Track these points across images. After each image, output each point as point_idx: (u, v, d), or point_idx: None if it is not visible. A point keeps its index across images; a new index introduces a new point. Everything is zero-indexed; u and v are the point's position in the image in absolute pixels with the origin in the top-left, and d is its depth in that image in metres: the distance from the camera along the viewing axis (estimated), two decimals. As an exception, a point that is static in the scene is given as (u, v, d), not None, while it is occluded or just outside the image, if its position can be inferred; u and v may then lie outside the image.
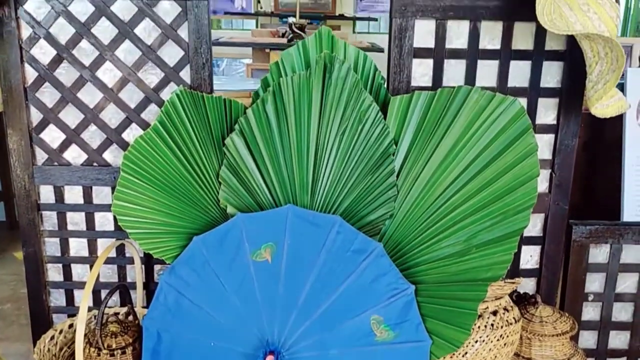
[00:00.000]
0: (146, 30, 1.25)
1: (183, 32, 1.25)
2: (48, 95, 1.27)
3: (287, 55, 1.27)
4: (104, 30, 1.24)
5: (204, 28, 1.25)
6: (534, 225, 1.34)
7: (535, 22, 1.18)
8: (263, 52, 4.02)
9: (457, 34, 1.25)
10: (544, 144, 1.30)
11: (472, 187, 1.10)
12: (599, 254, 1.39)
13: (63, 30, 1.24)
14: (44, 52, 1.25)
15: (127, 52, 1.26)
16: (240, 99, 1.28)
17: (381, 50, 3.93)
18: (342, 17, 6.41)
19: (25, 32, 1.24)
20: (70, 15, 1.23)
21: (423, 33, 1.24)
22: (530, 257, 1.37)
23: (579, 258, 1.38)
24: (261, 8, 6.50)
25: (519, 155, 1.07)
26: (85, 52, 1.25)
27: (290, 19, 4.63)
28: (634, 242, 1.37)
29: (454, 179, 1.12)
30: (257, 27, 6.72)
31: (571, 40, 1.23)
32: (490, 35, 1.25)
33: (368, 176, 1.16)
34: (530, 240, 1.35)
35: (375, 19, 6.69)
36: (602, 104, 1.17)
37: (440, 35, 1.24)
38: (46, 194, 1.32)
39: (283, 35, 4.46)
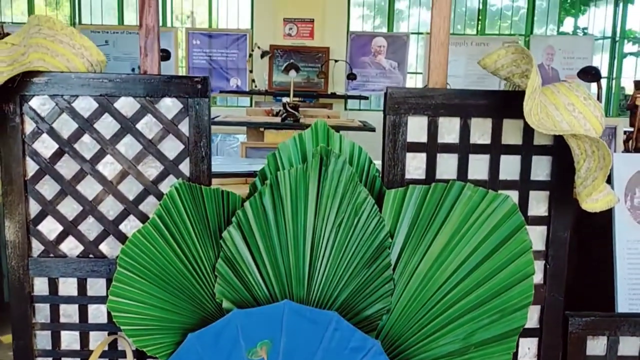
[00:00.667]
0: (148, 125, 1.28)
1: (184, 127, 1.29)
2: (47, 187, 1.29)
3: (283, 147, 1.31)
4: (107, 126, 1.28)
5: (204, 123, 1.28)
6: (531, 318, 1.34)
7: (523, 119, 1.22)
8: (257, 130, 4.11)
9: (449, 129, 1.29)
10: (537, 236, 1.32)
11: (468, 283, 1.11)
12: (596, 345, 1.38)
13: (66, 125, 1.27)
14: (45, 146, 1.28)
15: (128, 146, 1.29)
16: (237, 186, 1.31)
17: (373, 130, 4.03)
18: (334, 95, 6.60)
19: (29, 127, 1.27)
20: (74, 111, 1.27)
21: (416, 129, 1.29)
22: (528, 349, 1.36)
23: (577, 350, 1.37)
24: (255, 87, 6.69)
25: (514, 253, 1.09)
26: (87, 146, 1.28)
27: (285, 99, 4.76)
28: (630, 334, 1.37)
29: (450, 275, 1.13)
30: (251, 104, 6.89)
31: (558, 137, 1.27)
32: (480, 131, 1.29)
33: (364, 270, 1.17)
34: (528, 333, 1.34)
35: (366, 97, 6.89)
36: (591, 198, 1.20)
37: (432, 131, 1.29)
38: (40, 285, 1.31)
39: (277, 114, 4.57)
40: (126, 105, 1.27)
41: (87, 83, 1.26)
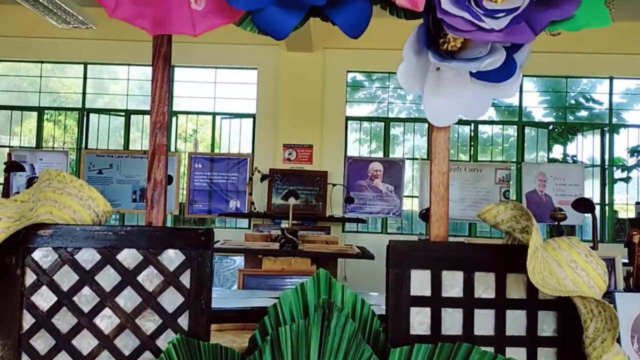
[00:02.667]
0: (149, 277, 1.28)
1: (185, 279, 1.28)
2: (42, 342, 1.25)
3: (285, 297, 1.29)
4: (108, 278, 1.27)
5: (205, 275, 1.28)
6: None
7: (526, 274, 1.22)
8: (256, 257, 4.09)
9: (452, 283, 1.29)
10: (548, 395, 1.26)
11: None
12: None
13: (67, 277, 1.26)
14: (44, 299, 1.26)
15: (128, 298, 1.27)
16: (235, 332, 1.27)
17: (372, 258, 4.01)
18: (332, 218, 6.65)
19: (29, 279, 1.26)
20: (76, 264, 1.26)
21: (419, 282, 1.28)
22: None
23: None
24: (254, 209, 6.76)
25: None
26: (86, 298, 1.26)
27: (283, 224, 4.79)
28: None
29: None
30: (249, 226, 6.92)
31: (563, 292, 1.26)
32: (485, 285, 1.29)
33: None
34: None
35: (364, 221, 6.94)
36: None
37: (436, 284, 1.28)
38: None
39: (275, 239, 4.56)
40: (129, 257, 1.28)
41: (91, 235, 1.27)
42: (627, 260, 3.20)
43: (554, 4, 1.17)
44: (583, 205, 3.50)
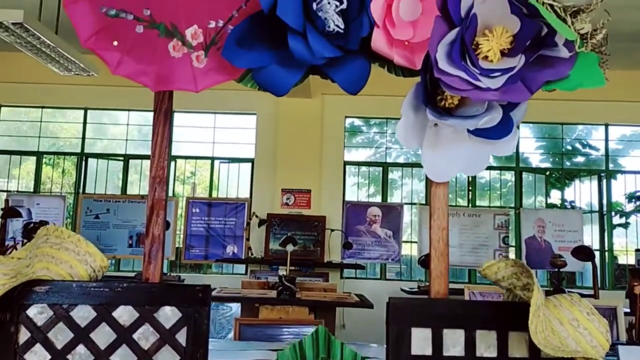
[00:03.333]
0: (144, 335, 1.25)
1: (181, 337, 1.25)
2: (33, 403, 1.22)
3: (283, 357, 1.26)
4: (103, 335, 1.24)
5: (202, 332, 1.25)
6: None
7: (528, 332, 1.20)
8: (253, 305, 4.03)
9: (454, 341, 1.27)
10: None
11: None
12: None
13: (61, 335, 1.24)
14: (38, 357, 1.23)
15: (123, 357, 1.24)
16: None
17: (371, 307, 3.96)
18: (330, 264, 6.60)
19: (23, 336, 1.23)
20: (71, 321, 1.24)
21: (420, 340, 1.26)
22: None
23: None
24: (252, 255, 6.71)
25: None
26: (81, 356, 1.23)
27: (281, 271, 4.75)
28: None
29: None
30: (246, 271, 6.85)
31: (566, 351, 1.24)
32: (486, 343, 1.26)
33: None
34: None
35: (362, 267, 6.88)
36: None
37: (437, 343, 1.26)
38: None
39: (273, 287, 4.52)
40: (125, 313, 1.25)
41: (87, 292, 1.25)
42: (628, 310, 3.16)
43: (548, 64, 1.20)
44: (583, 253, 3.49)
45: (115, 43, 1.31)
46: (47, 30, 4.41)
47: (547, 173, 8.05)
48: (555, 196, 8.28)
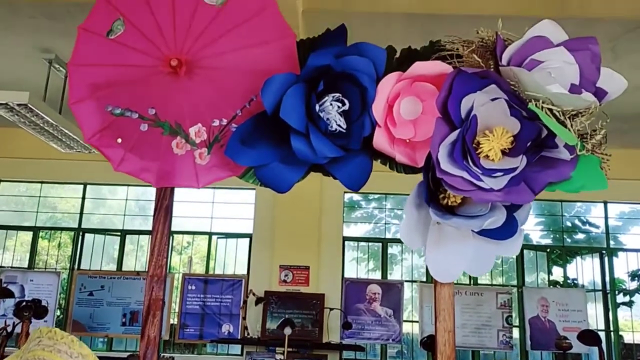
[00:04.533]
0: None
1: None
2: None
3: None
4: None
5: None
6: None
7: None
8: (249, 392, 3.87)
9: None
10: None
11: None
12: None
13: None
14: None
15: None
16: None
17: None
18: (329, 345, 6.41)
19: None
20: None
21: None
22: None
23: None
24: (248, 334, 6.53)
25: None
26: None
27: (278, 355, 4.60)
28: None
29: None
30: (242, 352, 6.65)
31: None
32: None
33: None
34: None
35: (362, 348, 6.69)
36: None
37: None
38: None
39: (270, 372, 4.37)
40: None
41: (77, 399, 1.19)
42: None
43: (550, 165, 1.20)
44: (589, 338, 3.40)
45: (119, 140, 1.33)
46: (51, 110, 4.49)
47: (548, 250, 7.99)
48: (557, 273, 8.17)
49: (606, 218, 7.62)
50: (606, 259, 7.42)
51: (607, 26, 3.56)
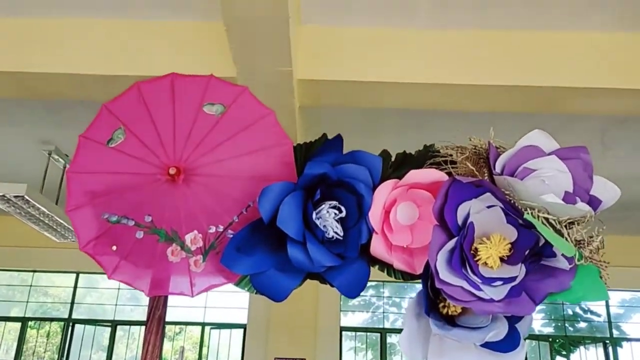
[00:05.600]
0: None
1: None
2: None
3: None
4: None
5: None
6: None
7: None
8: None
9: None
10: None
11: None
12: None
13: None
14: None
15: None
16: None
17: None
18: None
19: None
20: None
21: None
22: None
23: None
24: None
25: None
26: None
27: None
28: None
29: None
30: None
31: None
32: None
33: None
34: None
35: None
36: None
37: None
38: None
39: None
40: None
41: None
42: None
43: (550, 274, 1.19)
44: None
45: (114, 248, 1.31)
46: (47, 201, 4.50)
47: (551, 339, 7.78)
48: (560, 363, 7.91)
49: (607, 307, 7.49)
50: (610, 349, 7.22)
51: (594, 120, 3.67)
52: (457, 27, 2.99)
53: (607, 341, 7.27)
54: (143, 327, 1.35)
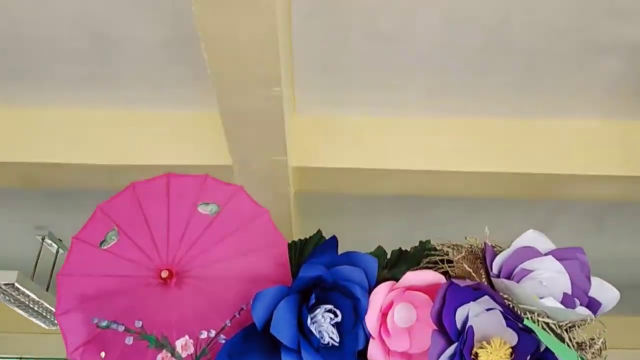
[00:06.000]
0: None
1: None
2: None
3: None
4: None
5: None
6: None
7: None
8: None
9: None
10: None
11: None
12: None
13: None
14: None
15: None
16: None
17: None
18: None
19: None
20: None
21: None
22: None
23: None
24: None
25: None
26: None
27: None
28: None
29: None
30: None
31: None
32: None
33: None
34: None
35: None
36: None
37: None
38: None
39: None
40: None
41: None
42: None
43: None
44: None
45: (103, 354, 1.27)
46: (38, 287, 4.42)
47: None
48: None
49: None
50: None
51: (588, 205, 3.68)
52: (450, 116, 3.06)
53: None
54: None
